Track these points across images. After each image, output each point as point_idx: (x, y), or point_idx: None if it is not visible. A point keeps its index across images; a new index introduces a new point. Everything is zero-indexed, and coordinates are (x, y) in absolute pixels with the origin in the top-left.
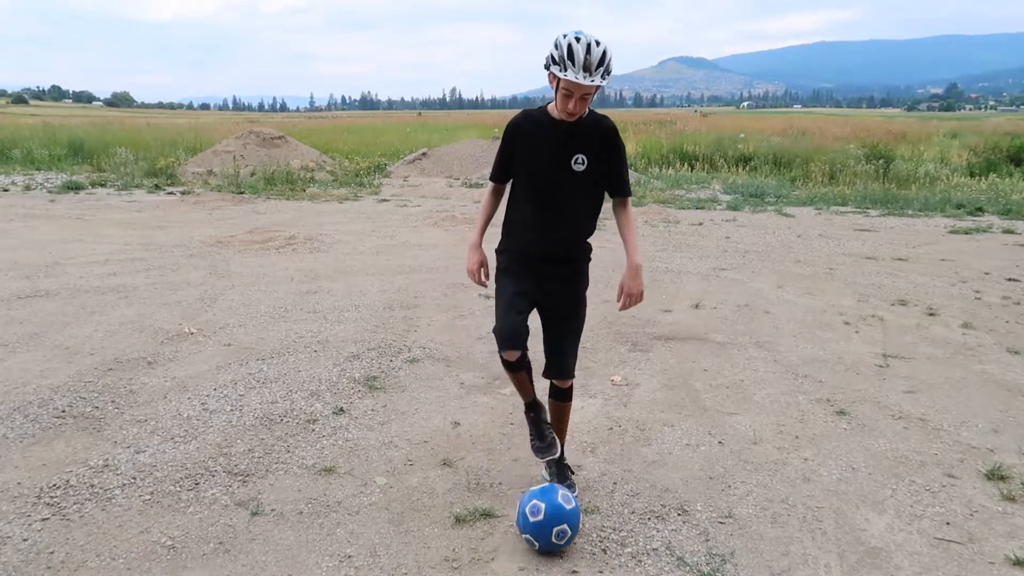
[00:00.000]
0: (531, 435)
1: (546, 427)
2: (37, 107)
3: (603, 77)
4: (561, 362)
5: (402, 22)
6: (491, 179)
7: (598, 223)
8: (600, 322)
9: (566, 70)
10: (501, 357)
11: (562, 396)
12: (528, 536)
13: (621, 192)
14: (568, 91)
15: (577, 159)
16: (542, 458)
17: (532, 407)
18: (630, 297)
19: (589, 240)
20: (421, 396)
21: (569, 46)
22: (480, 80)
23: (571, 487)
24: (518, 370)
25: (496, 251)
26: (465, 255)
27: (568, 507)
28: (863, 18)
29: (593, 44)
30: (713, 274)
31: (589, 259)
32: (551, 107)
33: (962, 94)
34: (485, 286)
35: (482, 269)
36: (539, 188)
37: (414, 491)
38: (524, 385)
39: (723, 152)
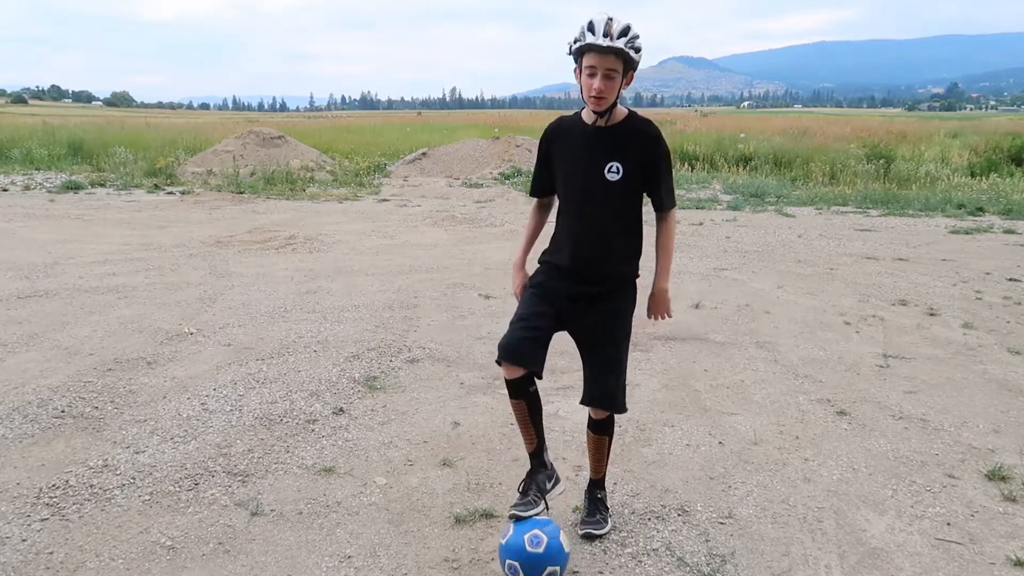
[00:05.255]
0: (519, 487)
1: (533, 487)
2: (36, 107)
3: (628, 47)
4: (593, 388)
5: (402, 22)
6: (530, 194)
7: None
8: None
9: (584, 38)
10: (505, 379)
11: (598, 428)
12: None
13: (659, 205)
14: (591, 67)
15: (611, 167)
16: (512, 510)
17: (534, 457)
18: (658, 317)
19: (632, 260)
20: (421, 396)
21: (590, 21)
22: (480, 80)
23: (598, 525)
24: (517, 395)
25: (539, 259)
26: (464, 254)
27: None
28: (864, 18)
29: (616, 19)
30: (713, 274)
31: (630, 281)
32: (585, 111)
33: (963, 94)
34: None
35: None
36: (570, 198)
37: (414, 491)
38: (525, 424)
39: (723, 152)
